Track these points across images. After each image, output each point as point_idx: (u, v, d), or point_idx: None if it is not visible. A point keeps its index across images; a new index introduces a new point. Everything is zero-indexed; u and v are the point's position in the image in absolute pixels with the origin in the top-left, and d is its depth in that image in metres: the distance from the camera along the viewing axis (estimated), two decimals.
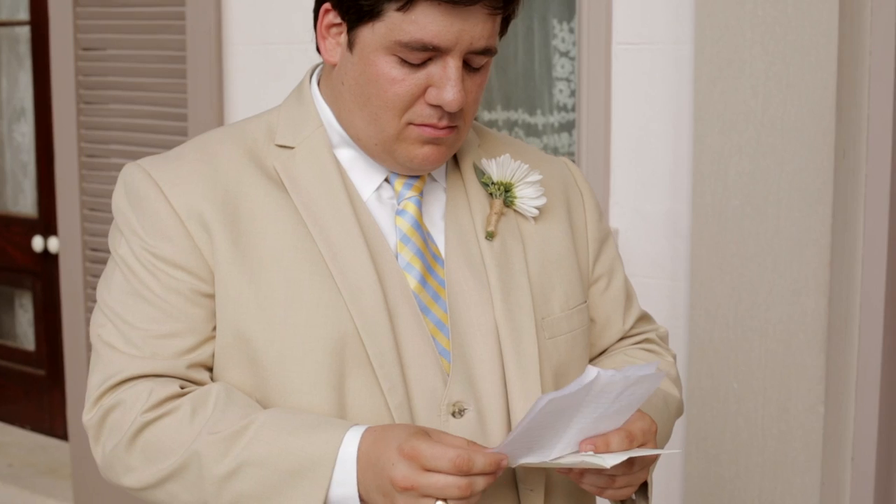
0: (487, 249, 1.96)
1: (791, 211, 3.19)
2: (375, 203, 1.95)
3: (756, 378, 3.30)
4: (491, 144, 2.11)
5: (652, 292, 3.58)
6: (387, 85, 1.84)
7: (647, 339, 2.22)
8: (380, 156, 1.92)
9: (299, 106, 1.99)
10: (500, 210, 1.99)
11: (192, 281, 1.86)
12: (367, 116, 1.88)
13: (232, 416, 1.80)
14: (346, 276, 1.85)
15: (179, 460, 1.78)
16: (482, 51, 1.84)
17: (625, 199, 3.60)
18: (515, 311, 1.94)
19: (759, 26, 3.18)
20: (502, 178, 2.01)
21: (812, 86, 3.13)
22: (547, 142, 3.96)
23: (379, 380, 1.83)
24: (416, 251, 1.92)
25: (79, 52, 4.78)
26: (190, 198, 1.88)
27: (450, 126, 1.87)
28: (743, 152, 3.24)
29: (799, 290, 3.20)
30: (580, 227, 2.12)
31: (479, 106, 2.13)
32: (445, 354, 1.90)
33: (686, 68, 3.44)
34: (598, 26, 3.57)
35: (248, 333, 1.84)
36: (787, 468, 3.28)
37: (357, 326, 1.83)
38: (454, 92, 1.82)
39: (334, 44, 1.90)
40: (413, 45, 1.80)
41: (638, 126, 3.56)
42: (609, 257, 2.17)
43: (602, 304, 2.15)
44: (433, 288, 1.92)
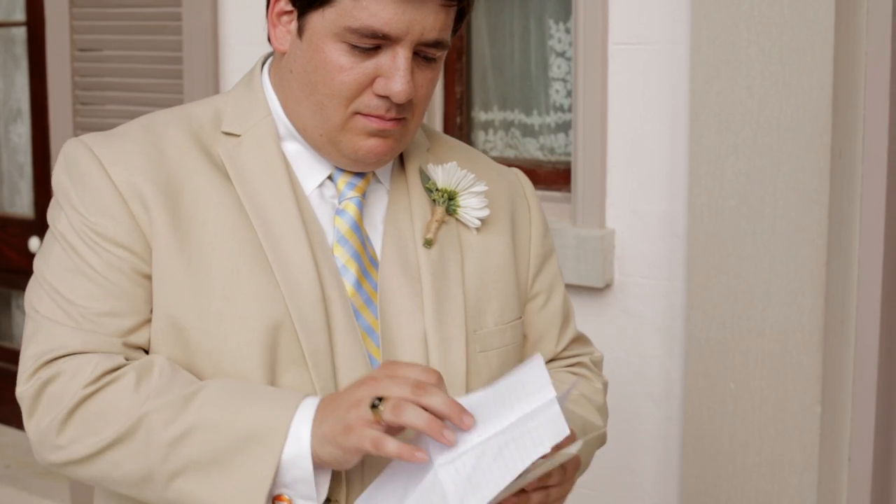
0: (424, 257, 1.93)
1: (787, 211, 3.19)
2: (317, 199, 1.92)
3: (753, 378, 3.30)
4: (441, 149, 2.08)
5: (648, 293, 3.58)
6: (334, 72, 1.82)
7: (580, 362, 2.19)
8: (325, 148, 1.89)
9: (248, 93, 1.96)
10: (441, 218, 1.96)
11: (133, 260, 1.82)
12: (314, 105, 1.85)
13: (179, 381, 1.76)
14: (286, 269, 1.83)
15: (124, 427, 1.74)
16: (433, 43, 1.83)
17: (621, 199, 3.60)
18: (446, 322, 1.91)
19: (755, 26, 3.18)
20: (447, 186, 1.97)
21: (808, 86, 3.12)
22: (543, 142, 3.96)
23: (312, 378, 1.81)
24: (353, 253, 1.89)
25: (75, 53, 4.78)
26: (132, 176, 1.84)
27: (397, 118, 1.85)
28: (739, 152, 3.24)
29: (795, 290, 3.20)
30: (524, 242, 2.09)
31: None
32: (373, 361, 1.87)
33: (682, 68, 3.43)
34: (595, 26, 3.57)
35: (182, 320, 1.81)
36: (784, 468, 3.28)
37: (293, 321, 1.81)
38: (402, 83, 1.80)
39: (284, 31, 1.88)
40: (363, 32, 1.78)
41: (634, 126, 3.56)
42: (550, 274, 2.14)
43: (537, 322, 2.12)
44: (367, 292, 1.89)
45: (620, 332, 3.63)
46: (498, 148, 4.04)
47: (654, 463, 3.64)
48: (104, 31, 4.72)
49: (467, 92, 4.09)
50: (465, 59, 4.08)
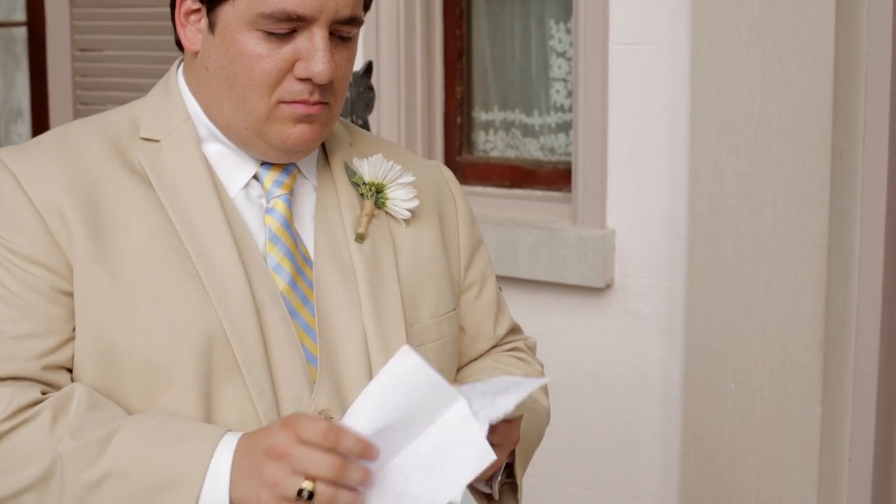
0: (357, 252, 1.91)
1: (788, 211, 3.19)
2: (243, 201, 1.88)
3: (753, 378, 3.30)
4: (363, 144, 2.05)
5: (649, 293, 3.58)
6: (252, 62, 1.78)
7: (516, 347, 2.16)
8: (251, 141, 1.85)
9: (165, 98, 1.92)
10: (370, 211, 1.94)
11: (50, 278, 1.76)
12: (235, 99, 1.82)
13: (96, 420, 1.70)
14: (214, 275, 1.78)
15: (41, 470, 1.68)
16: (348, 20, 1.80)
17: (622, 199, 3.60)
18: (385, 317, 1.89)
19: (755, 27, 3.18)
20: (374, 179, 1.95)
21: (809, 86, 3.12)
22: (544, 142, 3.96)
23: (248, 385, 1.77)
24: (286, 252, 1.86)
25: (76, 53, 4.78)
26: (49, 191, 1.78)
27: (321, 101, 1.82)
28: (740, 153, 3.24)
29: (796, 290, 3.20)
30: (452, 233, 2.07)
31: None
32: (313, 360, 1.84)
33: (683, 69, 3.43)
34: (595, 27, 3.57)
35: (109, 335, 1.75)
36: (784, 468, 3.28)
37: (225, 328, 1.76)
38: (323, 62, 1.78)
39: (194, 31, 1.85)
40: (277, 16, 1.75)
41: (635, 126, 3.56)
42: (481, 265, 2.11)
43: (473, 313, 2.09)
44: (302, 290, 1.86)
45: (621, 333, 3.63)
46: (498, 148, 4.04)
47: (655, 463, 3.64)
48: (104, 31, 4.72)
49: (468, 92, 4.09)
50: (466, 59, 4.08)
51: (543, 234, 3.68)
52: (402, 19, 3.95)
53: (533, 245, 3.69)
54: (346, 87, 1.88)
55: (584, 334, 3.71)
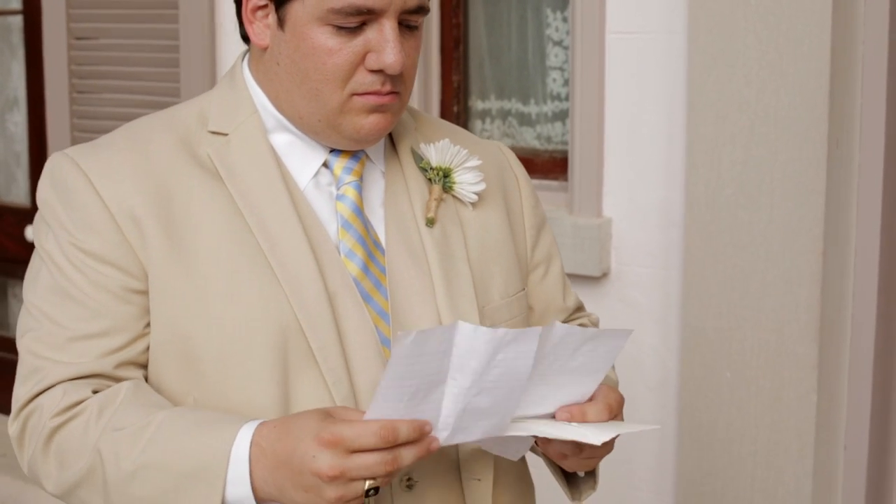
0: (428, 236, 1.93)
1: (784, 200, 3.19)
2: (313, 190, 1.90)
3: (749, 367, 3.30)
4: (427, 128, 2.07)
5: (645, 281, 3.58)
6: (325, 57, 1.80)
7: (582, 323, 2.18)
8: (324, 132, 1.87)
9: (232, 91, 1.93)
10: (439, 196, 1.96)
11: (121, 277, 1.80)
12: (308, 93, 1.84)
13: (136, 412, 1.74)
14: (286, 267, 1.81)
15: (86, 464, 1.73)
16: (416, 9, 1.82)
17: (618, 188, 3.61)
18: (458, 300, 1.91)
19: (752, 15, 3.18)
20: (441, 164, 1.97)
21: (805, 75, 3.13)
22: (540, 131, 3.96)
23: (323, 374, 1.79)
24: (358, 237, 1.88)
25: (72, 42, 4.78)
26: (121, 190, 1.81)
27: (393, 91, 1.84)
28: (736, 141, 3.24)
29: (792, 279, 3.21)
30: (517, 214, 2.10)
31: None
32: (387, 343, 1.86)
33: (679, 57, 3.44)
34: (592, 15, 3.57)
35: (185, 330, 1.79)
36: (779, 457, 3.28)
37: (299, 319, 1.79)
38: (394, 53, 1.79)
39: (262, 26, 1.86)
40: (347, 11, 1.77)
41: (631, 115, 3.56)
42: (546, 244, 2.14)
43: (541, 292, 2.12)
44: (375, 276, 1.88)
45: (617, 321, 3.64)
46: (495, 137, 4.04)
47: (650, 452, 3.64)
48: (100, 19, 4.71)
49: (464, 81, 4.09)
50: (463, 48, 4.08)
51: None
52: None
53: None
54: (414, 74, 1.90)
55: None
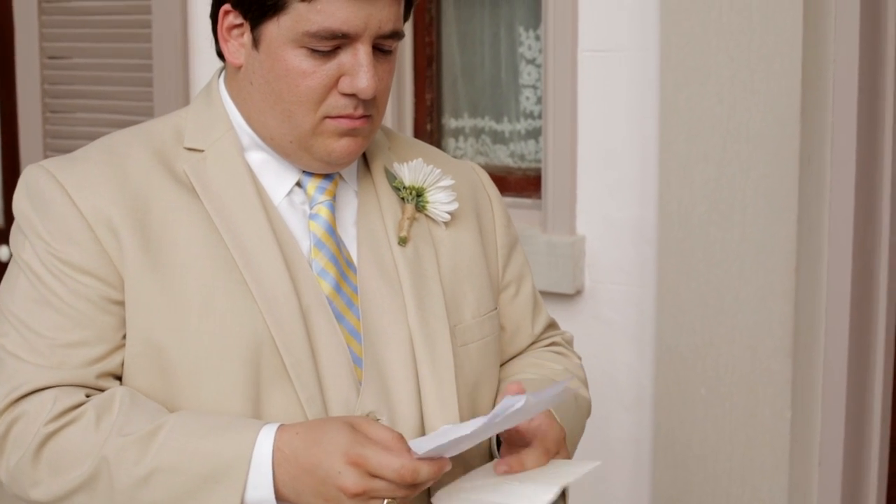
0: (400, 256, 1.94)
1: (757, 217, 3.20)
2: (287, 208, 1.91)
3: (723, 384, 3.31)
4: (401, 148, 2.09)
5: (619, 299, 3.58)
6: (298, 79, 1.82)
7: (555, 342, 2.21)
8: (295, 153, 1.89)
9: (208, 108, 1.94)
10: (412, 215, 1.97)
11: (100, 287, 1.81)
12: (281, 114, 1.85)
13: (139, 418, 1.75)
14: (261, 283, 1.82)
15: (88, 469, 1.73)
16: (391, 34, 1.83)
17: (591, 205, 3.61)
18: (429, 319, 1.92)
19: (724, 34, 3.19)
20: (414, 183, 1.99)
21: (777, 93, 3.14)
22: (514, 149, 3.96)
23: (297, 390, 1.81)
24: (331, 257, 1.89)
25: (44, 61, 4.76)
26: (97, 201, 1.82)
27: (365, 115, 1.85)
28: (709, 159, 3.25)
29: (765, 295, 3.21)
30: (490, 233, 2.11)
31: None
32: (359, 363, 1.87)
33: (652, 75, 3.44)
34: (564, 33, 3.58)
35: (160, 342, 1.80)
36: (754, 473, 3.29)
37: (273, 335, 1.80)
38: (367, 78, 1.81)
39: (237, 45, 1.88)
40: (322, 35, 1.78)
41: (604, 133, 3.57)
42: (518, 263, 2.16)
43: (512, 311, 2.13)
44: (347, 295, 1.90)
45: (591, 339, 3.64)
46: (468, 155, 4.04)
47: (626, 469, 3.64)
48: (73, 38, 4.70)
49: (437, 99, 4.09)
50: (436, 66, 4.08)
51: None
52: None
53: None
54: (387, 98, 1.91)
55: None
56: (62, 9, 4.70)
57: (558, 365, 2.14)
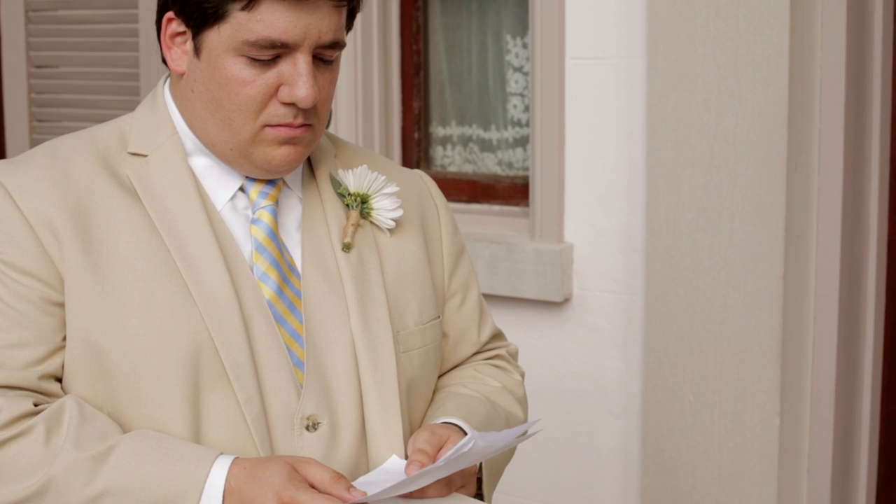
0: (344, 261, 1.96)
1: (744, 224, 3.20)
2: (230, 212, 1.93)
3: (712, 391, 3.30)
4: (347, 154, 2.10)
5: (607, 306, 3.58)
6: (238, 87, 1.83)
7: (498, 355, 2.22)
8: (236, 161, 1.90)
9: (153, 113, 1.96)
10: (356, 221, 1.99)
11: (41, 288, 1.81)
12: (221, 121, 1.87)
13: (90, 434, 1.76)
14: (201, 285, 1.83)
15: (36, 485, 1.73)
16: (331, 44, 1.85)
17: (579, 213, 3.61)
18: (372, 324, 1.94)
19: (710, 41, 3.19)
20: (359, 189, 2.00)
21: (764, 100, 3.14)
22: (501, 157, 3.96)
23: (235, 392, 1.82)
24: (272, 261, 1.90)
25: (31, 70, 4.76)
26: (40, 203, 1.83)
27: (305, 124, 1.87)
28: (696, 166, 3.25)
29: (753, 302, 3.22)
30: (435, 242, 2.12)
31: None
32: (300, 365, 1.89)
33: (639, 83, 3.45)
34: (551, 41, 3.58)
35: (100, 344, 1.81)
36: (743, 480, 3.29)
37: (212, 336, 1.82)
38: (307, 88, 1.82)
39: (180, 52, 1.89)
40: (261, 44, 1.80)
41: (591, 141, 3.57)
42: (464, 272, 2.17)
43: (457, 320, 2.15)
44: (289, 298, 1.91)
45: (579, 346, 3.64)
46: (456, 163, 4.04)
47: (614, 477, 3.64)
48: (60, 47, 4.69)
49: (425, 107, 4.09)
50: (423, 74, 4.08)
51: (501, 249, 3.69)
52: (360, 34, 3.94)
53: (491, 260, 3.70)
54: (328, 107, 1.93)
55: (543, 348, 3.71)
56: (49, 17, 4.70)
57: (496, 381, 2.15)
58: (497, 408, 2.08)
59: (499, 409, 2.08)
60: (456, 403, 2.02)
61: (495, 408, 2.08)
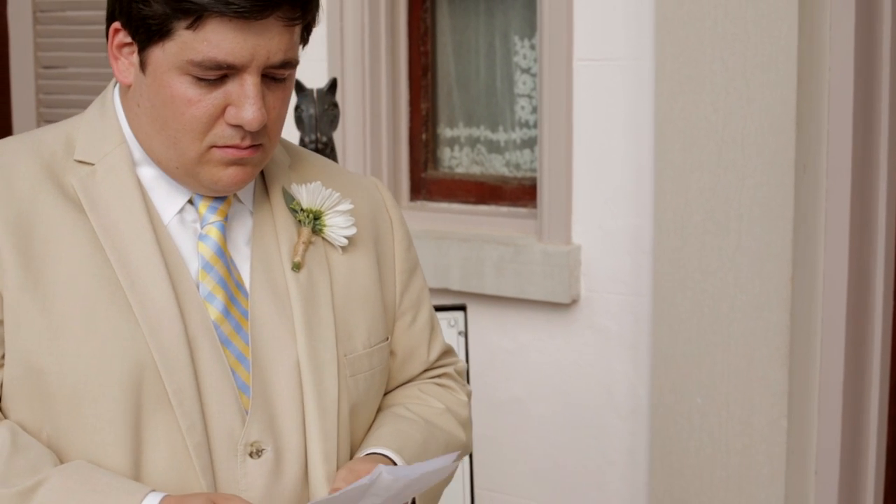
0: (293, 281, 1.88)
1: (752, 226, 3.20)
2: (178, 226, 1.84)
3: (719, 393, 3.30)
4: (302, 167, 2.00)
5: (614, 308, 3.58)
6: (183, 107, 1.74)
7: (446, 373, 2.14)
8: (182, 178, 1.82)
9: (101, 119, 1.86)
10: (307, 239, 1.90)
11: None
12: (166, 140, 1.78)
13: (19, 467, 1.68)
14: (145, 305, 1.75)
15: None
16: (281, 64, 1.76)
17: (587, 215, 3.61)
18: (319, 348, 1.86)
19: (719, 42, 3.19)
20: (312, 206, 1.92)
21: (772, 101, 3.14)
22: (509, 158, 3.96)
23: (178, 418, 1.74)
24: (219, 280, 1.82)
25: (39, 70, 4.76)
26: None
27: (254, 145, 1.78)
28: (704, 168, 3.25)
29: (761, 304, 3.21)
30: (388, 258, 2.04)
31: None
32: (245, 389, 1.81)
33: (647, 84, 3.44)
34: (559, 43, 3.58)
35: (39, 365, 1.72)
36: (751, 482, 3.28)
37: (156, 360, 1.73)
38: (253, 110, 1.73)
39: (127, 64, 1.80)
40: (206, 65, 1.71)
41: (599, 142, 3.57)
42: (416, 289, 2.08)
43: (407, 339, 2.06)
44: (235, 319, 1.83)
45: (587, 348, 3.64)
46: (464, 164, 4.04)
47: (622, 478, 3.64)
48: (68, 48, 4.70)
49: (433, 109, 4.09)
50: (431, 75, 4.08)
51: (509, 251, 3.69)
52: (367, 36, 3.94)
53: (498, 261, 3.70)
54: (281, 125, 1.84)
55: (551, 350, 3.71)
56: (57, 18, 4.71)
57: (440, 403, 2.06)
58: (436, 431, 2.00)
59: (438, 433, 2.00)
60: (390, 430, 1.95)
61: (434, 432, 2.00)
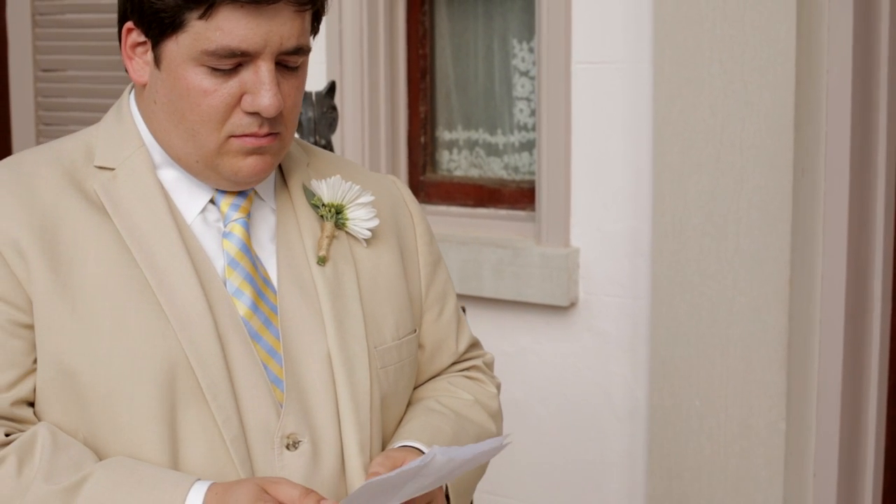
0: (319, 275, 1.90)
1: (751, 229, 3.20)
2: (201, 226, 1.87)
3: (718, 395, 3.30)
4: (320, 163, 2.04)
5: (613, 311, 3.58)
6: (199, 98, 1.77)
7: (474, 366, 2.16)
8: (203, 173, 1.84)
9: (119, 125, 1.90)
10: (331, 233, 1.93)
11: (9, 311, 1.75)
12: (185, 133, 1.81)
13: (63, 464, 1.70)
14: (174, 303, 1.77)
15: None
16: (294, 50, 1.79)
17: (585, 217, 3.61)
18: (349, 340, 1.89)
19: (717, 45, 3.19)
20: (333, 200, 1.94)
21: (770, 104, 3.14)
22: (507, 161, 3.96)
23: (213, 412, 1.76)
24: (246, 276, 1.85)
25: (38, 74, 4.77)
26: (4, 224, 1.77)
27: (271, 133, 1.81)
28: (702, 171, 3.25)
29: (759, 307, 3.21)
30: (411, 252, 2.06)
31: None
32: (278, 383, 1.83)
33: (645, 87, 3.44)
34: (558, 46, 3.58)
35: (72, 367, 1.74)
36: (749, 485, 3.28)
37: (188, 356, 1.76)
38: (269, 96, 1.76)
39: (142, 63, 1.83)
40: (220, 53, 1.74)
41: (598, 145, 3.57)
42: (441, 282, 2.10)
43: (434, 331, 2.09)
44: (265, 314, 1.85)
45: (585, 351, 3.64)
46: (462, 167, 4.04)
47: (620, 481, 3.64)
48: (67, 51, 4.70)
49: (431, 111, 4.09)
50: (429, 78, 4.08)
51: (507, 253, 3.69)
52: (366, 39, 3.95)
53: (497, 264, 3.70)
54: (297, 114, 1.87)
55: (549, 353, 3.71)
56: (56, 21, 4.71)
57: (469, 395, 2.08)
58: (466, 423, 2.03)
59: (468, 425, 2.03)
60: (421, 423, 1.97)
61: (464, 424, 2.02)
